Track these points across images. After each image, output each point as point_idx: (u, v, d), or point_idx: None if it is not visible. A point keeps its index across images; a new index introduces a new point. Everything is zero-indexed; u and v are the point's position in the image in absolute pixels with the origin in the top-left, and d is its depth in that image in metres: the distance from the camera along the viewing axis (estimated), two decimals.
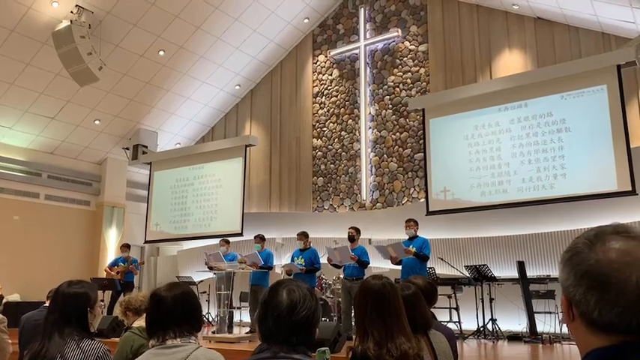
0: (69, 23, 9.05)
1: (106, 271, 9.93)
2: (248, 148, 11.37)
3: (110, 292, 9.37)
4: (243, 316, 9.75)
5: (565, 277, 0.89)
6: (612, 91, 7.80)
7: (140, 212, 12.52)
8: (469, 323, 7.55)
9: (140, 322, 3.17)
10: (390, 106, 10.67)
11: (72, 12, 9.23)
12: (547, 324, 7.33)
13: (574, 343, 6.07)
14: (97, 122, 11.50)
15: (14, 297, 10.25)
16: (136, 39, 10.26)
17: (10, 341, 4.56)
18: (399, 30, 10.76)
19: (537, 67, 9.14)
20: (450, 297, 7.60)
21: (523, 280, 7.25)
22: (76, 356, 2.12)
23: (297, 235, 8.16)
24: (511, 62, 9.52)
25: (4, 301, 9.61)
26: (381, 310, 1.94)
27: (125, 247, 9.92)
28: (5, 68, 9.73)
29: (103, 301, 9.20)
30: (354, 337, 6.49)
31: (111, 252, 12.04)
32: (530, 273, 7.71)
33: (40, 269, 10.65)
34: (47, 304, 2.89)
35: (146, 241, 12.17)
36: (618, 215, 7.77)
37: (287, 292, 1.50)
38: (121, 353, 3.06)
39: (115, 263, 9.86)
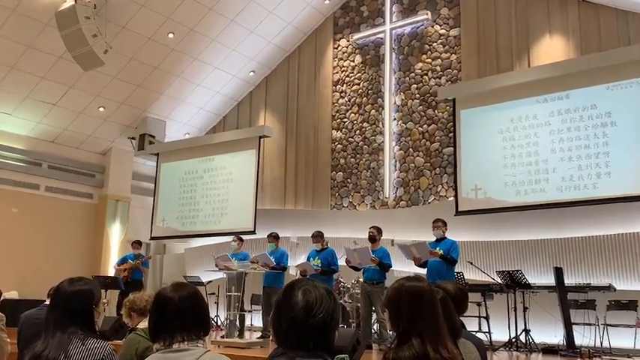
0: (73, 3, 9.14)
1: (115, 268, 10.09)
2: (262, 140, 11.42)
3: (117, 291, 9.51)
4: (254, 320, 9.80)
5: None
6: None
7: (146, 207, 12.64)
8: (500, 334, 7.50)
9: (145, 324, 3.20)
10: (417, 95, 10.61)
11: None
12: (586, 337, 7.24)
13: (617, 357, 5.97)
14: (101, 109, 11.63)
15: (12, 294, 10.43)
16: (143, 20, 10.34)
17: (8, 340, 4.65)
18: (429, 12, 10.67)
19: (581, 54, 9.01)
20: (479, 305, 7.56)
21: (560, 287, 7.17)
22: (81, 355, 2.15)
23: (312, 235, 8.19)
24: (552, 49, 9.39)
25: (2, 298, 9.79)
26: (436, 313, 2.00)
27: (137, 244, 10.16)
28: (5, 51, 9.88)
29: (106, 299, 9.33)
30: (375, 345, 6.46)
31: (114, 248, 12.19)
32: (569, 280, 7.62)
33: (39, 265, 10.82)
34: (48, 303, 2.93)
35: (152, 238, 12.30)
36: None
37: (302, 292, 1.50)
38: (125, 356, 3.09)
39: (123, 260, 10.02)
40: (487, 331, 7.40)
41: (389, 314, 2.03)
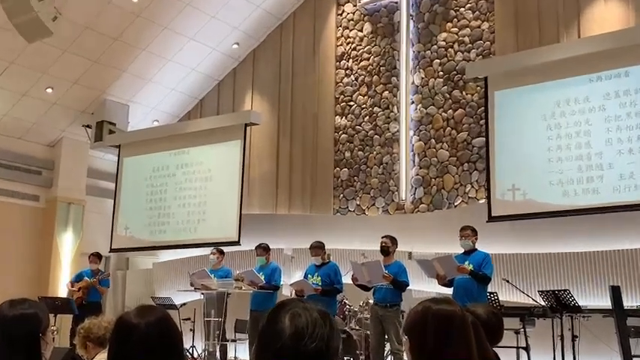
0: None
1: (68, 287, 10.09)
2: (248, 128, 11.41)
3: (70, 316, 9.52)
4: (238, 351, 9.80)
5: None
6: None
7: (105, 211, 12.63)
8: None
9: (104, 356, 3.21)
10: (441, 73, 10.60)
11: None
12: None
13: None
14: (49, 91, 11.62)
15: None
16: None
17: None
18: None
19: None
20: (517, 333, 7.56)
21: (618, 311, 7.15)
22: None
23: (310, 247, 8.19)
24: (607, 15, 9.38)
25: None
26: (469, 344, 2.02)
27: (95, 257, 10.15)
28: None
29: (55, 326, 9.34)
30: None
31: (65, 263, 12.17)
32: (629, 302, 7.61)
33: None
34: None
35: (112, 250, 12.29)
36: None
37: (290, 316, 1.50)
38: None
39: (79, 277, 10.02)
40: None
41: (410, 343, 2.04)
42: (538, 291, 7.72)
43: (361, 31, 11.59)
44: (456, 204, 10.13)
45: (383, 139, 11.02)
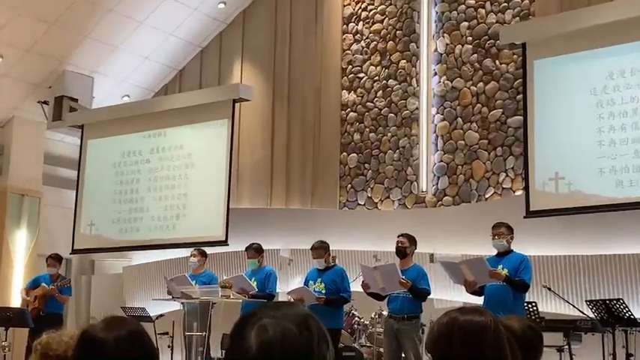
0: None
1: (22, 296, 10.08)
2: (237, 105, 11.38)
3: (25, 329, 9.53)
4: None
5: None
6: None
7: (65, 204, 12.63)
8: None
9: None
10: (470, 39, 10.57)
11: None
12: None
13: None
14: None
15: None
16: None
17: None
18: None
19: None
20: (560, 350, 7.58)
21: None
22: None
23: (312, 247, 8.19)
24: None
25: None
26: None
27: (54, 259, 10.12)
28: None
29: (7, 341, 9.34)
30: None
31: (18, 266, 12.16)
32: None
33: None
34: None
35: (74, 251, 12.29)
36: None
37: (257, 330, 1.46)
38: None
39: (36, 283, 10.01)
40: None
41: None
42: (585, 300, 7.77)
43: None
44: (487, 196, 10.12)
45: (399, 118, 10.99)
